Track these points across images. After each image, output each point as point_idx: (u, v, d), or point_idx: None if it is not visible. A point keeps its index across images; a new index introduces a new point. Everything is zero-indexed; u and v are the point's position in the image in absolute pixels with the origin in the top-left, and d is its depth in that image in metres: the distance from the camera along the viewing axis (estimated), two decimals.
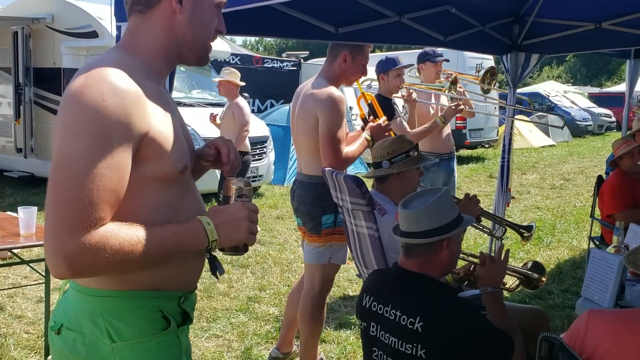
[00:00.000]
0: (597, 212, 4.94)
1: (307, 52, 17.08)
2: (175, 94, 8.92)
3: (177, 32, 1.48)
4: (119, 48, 1.50)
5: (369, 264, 2.93)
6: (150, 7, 1.46)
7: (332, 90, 3.18)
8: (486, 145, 15.55)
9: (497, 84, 6.52)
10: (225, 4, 1.58)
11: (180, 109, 1.63)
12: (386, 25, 3.46)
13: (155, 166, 1.38)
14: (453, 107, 4.42)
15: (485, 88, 5.00)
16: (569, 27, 4.44)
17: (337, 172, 3.00)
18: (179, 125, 1.51)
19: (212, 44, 1.58)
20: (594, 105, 25.23)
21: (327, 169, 3.09)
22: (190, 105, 8.88)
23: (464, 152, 14.76)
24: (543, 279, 2.93)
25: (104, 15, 8.30)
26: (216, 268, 1.52)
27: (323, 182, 3.20)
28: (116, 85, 1.30)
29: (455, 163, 4.98)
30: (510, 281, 2.97)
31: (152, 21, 1.47)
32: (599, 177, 5.12)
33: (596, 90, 32.89)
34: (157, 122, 1.37)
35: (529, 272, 2.93)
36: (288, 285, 5.02)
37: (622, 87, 26.52)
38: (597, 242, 4.98)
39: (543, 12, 4.39)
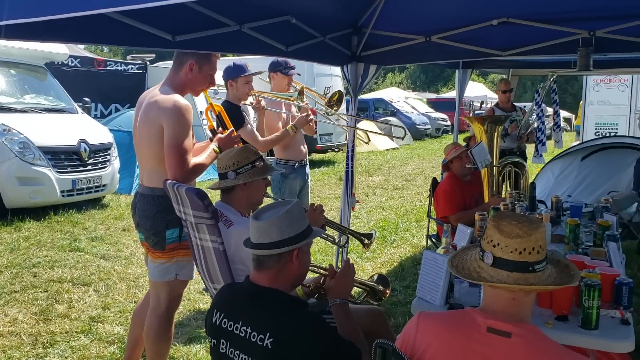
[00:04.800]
0: (433, 211, 5.31)
1: (154, 55, 16.42)
2: (4, 99, 8.17)
3: None
4: None
5: (214, 277, 2.87)
6: None
7: (178, 98, 3.04)
8: (336, 149, 16.15)
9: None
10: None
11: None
12: (227, 34, 3.41)
13: None
14: (304, 117, 4.50)
15: (333, 109, 5.11)
16: (403, 40, 4.73)
17: (179, 184, 2.90)
18: None
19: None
20: (432, 110, 27.25)
21: (169, 181, 2.98)
22: (23, 111, 8.15)
23: (316, 157, 15.18)
24: (387, 291, 3.11)
25: None
26: None
27: (167, 194, 3.08)
28: None
29: (308, 169, 5.08)
30: (357, 293, 3.09)
31: None
32: (434, 180, 5.52)
33: (433, 96, 35.55)
34: None
35: (375, 285, 3.08)
36: (135, 302, 4.77)
37: (455, 93, 28.89)
38: (433, 240, 5.37)
39: (379, 25, 4.62)
